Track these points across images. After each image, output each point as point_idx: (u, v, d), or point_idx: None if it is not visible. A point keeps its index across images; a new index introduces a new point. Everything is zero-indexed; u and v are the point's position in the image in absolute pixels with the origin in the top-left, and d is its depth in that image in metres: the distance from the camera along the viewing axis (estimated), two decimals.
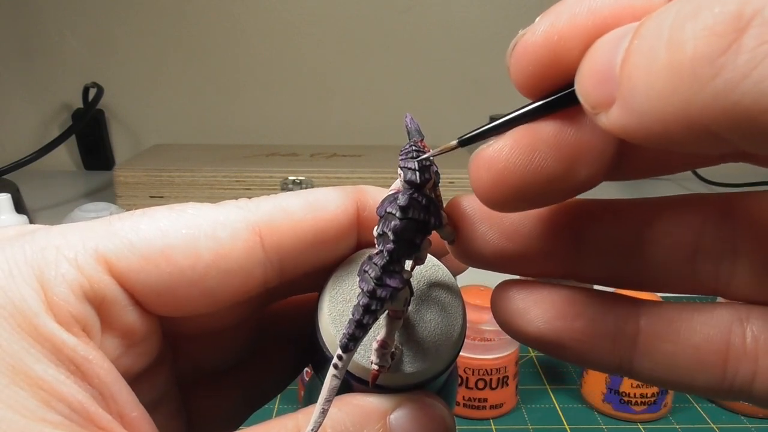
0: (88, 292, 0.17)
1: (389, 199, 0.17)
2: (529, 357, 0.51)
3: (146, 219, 0.18)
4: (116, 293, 0.18)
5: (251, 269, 0.19)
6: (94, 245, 0.18)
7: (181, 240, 0.18)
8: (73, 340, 0.16)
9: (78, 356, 0.16)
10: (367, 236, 0.20)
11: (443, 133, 1.23)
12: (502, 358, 0.42)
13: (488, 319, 0.41)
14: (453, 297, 0.20)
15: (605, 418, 0.43)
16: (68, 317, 0.17)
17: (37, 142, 0.94)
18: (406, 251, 0.17)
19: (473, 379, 0.42)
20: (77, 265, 0.17)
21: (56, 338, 0.16)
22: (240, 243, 0.19)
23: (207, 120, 1.09)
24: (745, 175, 0.99)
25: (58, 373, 0.16)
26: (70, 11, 1.04)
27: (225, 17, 1.05)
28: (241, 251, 0.19)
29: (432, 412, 0.19)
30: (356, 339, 0.16)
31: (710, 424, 0.43)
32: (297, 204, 0.19)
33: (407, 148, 0.18)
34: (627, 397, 0.42)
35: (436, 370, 0.19)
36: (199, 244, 0.18)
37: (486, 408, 0.43)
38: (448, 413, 0.19)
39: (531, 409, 0.44)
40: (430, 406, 0.19)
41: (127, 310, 0.18)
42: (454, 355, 0.20)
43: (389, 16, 1.04)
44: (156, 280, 0.18)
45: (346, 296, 0.20)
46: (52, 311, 0.16)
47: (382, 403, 0.18)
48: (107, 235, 0.18)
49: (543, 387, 0.47)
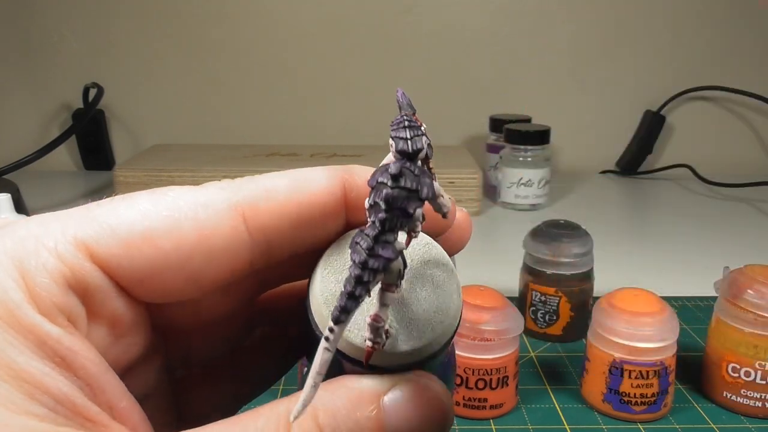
0: (70, 280, 0.17)
1: (381, 170, 0.17)
2: (529, 357, 0.51)
3: (126, 203, 0.18)
4: (99, 280, 0.17)
5: (236, 250, 0.19)
6: (73, 232, 0.17)
7: (162, 222, 0.18)
8: (57, 330, 0.16)
9: (62, 347, 0.16)
10: (357, 217, 0.20)
11: (443, 133, 1.24)
12: (502, 358, 0.42)
13: (488, 319, 0.41)
14: (448, 275, 0.20)
15: (605, 418, 0.43)
16: (51, 307, 0.16)
17: (38, 142, 0.94)
18: (398, 221, 0.16)
19: (473, 379, 0.42)
20: (57, 254, 0.17)
21: (39, 329, 0.16)
22: (223, 223, 0.18)
23: (207, 120, 1.09)
24: (746, 175, 0.99)
25: (42, 365, 0.16)
26: (70, 11, 1.04)
27: (225, 17, 1.05)
28: (225, 232, 0.18)
29: (428, 393, 0.18)
30: (348, 311, 0.16)
31: (710, 424, 0.43)
32: (281, 183, 0.19)
33: (399, 119, 0.17)
34: (627, 397, 0.42)
35: (432, 349, 0.19)
36: (182, 226, 0.18)
37: (486, 408, 0.43)
38: (445, 393, 0.18)
39: (531, 409, 0.44)
40: (426, 387, 0.18)
41: (113, 298, 0.18)
42: (450, 334, 0.19)
43: (389, 16, 1.04)
44: (139, 264, 0.18)
45: (337, 275, 0.19)
46: (35, 302, 0.16)
47: (376, 384, 0.18)
48: (86, 221, 0.17)
49: (543, 387, 0.47)
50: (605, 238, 0.73)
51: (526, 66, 1.07)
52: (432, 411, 0.18)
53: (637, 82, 1.08)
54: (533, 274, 0.53)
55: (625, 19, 1.06)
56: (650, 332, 0.41)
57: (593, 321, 0.44)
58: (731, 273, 0.45)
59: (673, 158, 1.08)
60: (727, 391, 0.44)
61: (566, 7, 1.05)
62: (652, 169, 1.06)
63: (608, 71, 1.08)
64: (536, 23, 1.05)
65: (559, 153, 1.09)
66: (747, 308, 0.42)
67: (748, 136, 1.10)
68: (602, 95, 1.09)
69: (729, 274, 0.45)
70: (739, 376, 0.43)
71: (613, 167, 1.09)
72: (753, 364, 0.42)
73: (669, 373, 0.42)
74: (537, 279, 0.53)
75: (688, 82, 1.06)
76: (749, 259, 0.48)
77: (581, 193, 0.98)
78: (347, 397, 0.17)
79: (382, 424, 0.17)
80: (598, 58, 1.07)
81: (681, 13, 1.05)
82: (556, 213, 0.88)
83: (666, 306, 0.43)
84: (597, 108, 1.09)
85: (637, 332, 0.41)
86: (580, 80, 1.08)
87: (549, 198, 0.91)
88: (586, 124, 1.10)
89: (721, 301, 0.45)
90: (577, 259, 0.52)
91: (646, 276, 0.67)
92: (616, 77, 1.08)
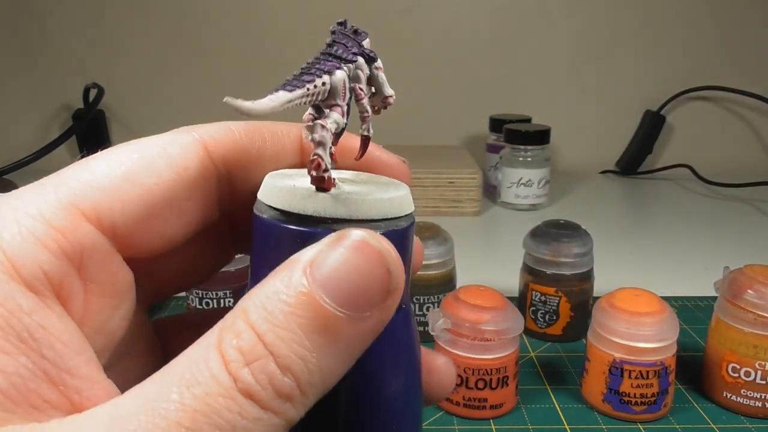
0: (64, 245, 0.16)
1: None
2: (529, 357, 0.51)
3: (93, 160, 0.18)
4: (96, 240, 0.17)
5: (208, 180, 0.20)
6: (55, 196, 0.17)
7: (137, 164, 0.18)
8: (29, 304, 0.15)
9: (32, 323, 0.15)
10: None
11: (443, 133, 1.24)
12: (502, 358, 0.42)
13: (488, 319, 0.41)
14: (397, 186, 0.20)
15: (605, 418, 0.43)
16: (32, 277, 0.15)
17: (38, 143, 0.94)
18: (346, 48, 0.18)
19: (473, 379, 0.42)
20: (43, 219, 0.16)
21: (10, 303, 0.15)
22: (192, 155, 0.19)
23: (207, 120, 1.08)
24: (746, 175, 0.99)
25: (4, 341, 0.15)
26: (71, 11, 1.04)
27: (225, 17, 1.05)
28: (195, 164, 0.19)
29: (368, 249, 0.16)
30: (292, 83, 0.17)
31: (710, 424, 0.43)
32: (241, 124, 0.21)
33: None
34: (627, 397, 0.42)
35: (386, 210, 0.18)
36: (156, 163, 0.18)
37: (486, 408, 0.43)
38: (390, 251, 0.16)
39: (531, 409, 0.44)
40: (364, 240, 0.16)
41: (110, 260, 0.17)
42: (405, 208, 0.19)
43: (389, 16, 1.04)
44: (130, 209, 0.18)
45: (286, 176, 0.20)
46: (16, 271, 0.15)
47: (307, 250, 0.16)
48: (63, 183, 0.17)
49: (543, 387, 0.47)
50: (605, 238, 0.73)
51: (526, 66, 1.07)
52: (371, 268, 0.16)
53: (637, 82, 1.08)
54: (533, 274, 0.53)
55: (625, 19, 1.06)
56: (650, 332, 0.41)
57: (593, 321, 0.44)
58: (731, 273, 0.45)
59: (673, 158, 1.08)
60: (727, 391, 0.44)
61: (566, 6, 1.05)
62: (652, 169, 1.06)
63: (608, 71, 1.08)
64: (536, 23, 1.05)
65: (559, 153, 1.09)
66: (747, 308, 0.42)
67: (748, 136, 1.10)
68: (602, 95, 1.09)
69: (729, 274, 0.45)
70: (739, 376, 0.43)
71: (613, 167, 1.09)
72: (753, 364, 0.42)
73: (669, 373, 0.42)
74: (537, 279, 0.53)
75: (688, 82, 1.06)
76: (749, 259, 0.48)
77: (581, 193, 0.98)
78: (278, 271, 0.16)
79: (301, 277, 0.15)
80: (598, 58, 1.07)
81: (681, 13, 1.05)
82: (556, 213, 0.88)
83: (666, 306, 0.43)
84: (597, 108, 1.09)
85: (637, 332, 0.41)
86: (580, 80, 1.08)
87: (549, 198, 0.91)
88: (586, 124, 1.10)
89: (721, 301, 0.45)
90: (577, 259, 0.52)
91: (646, 276, 0.67)
92: (616, 77, 1.08)
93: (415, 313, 0.52)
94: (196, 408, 0.14)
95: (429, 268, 0.51)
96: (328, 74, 0.17)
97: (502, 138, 0.91)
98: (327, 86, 0.18)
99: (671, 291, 0.61)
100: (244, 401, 0.14)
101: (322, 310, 0.15)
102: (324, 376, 0.15)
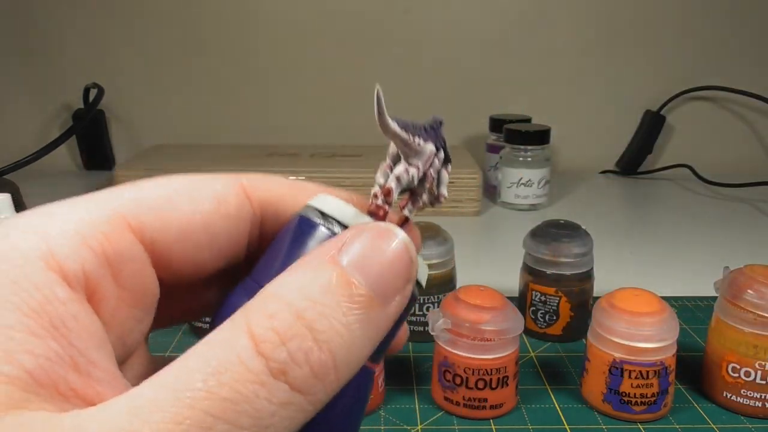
0: (107, 249, 0.17)
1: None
2: (529, 357, 0.51)
3: (144, 180, 0.19)
4: (135, 251, 0.18)
5: (245, 217, 0.20)
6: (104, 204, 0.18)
7: (182, 189, 0.19)
8: (65, 294, 0.15)
9: (66, 313, 0.15)
10: None
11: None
12: (502, 358, 0.42)
13: (488, 319, 0.41)
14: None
15: (605, 418, 0.43)
16: (72, 273, 0.16)
17: (38, 142, 0.94)
18: (442, 139, 0.20)
19: (473, 379, 0.42)
20: (91, 221, 0.17)
21: (47, 290, 0.15)
22: (232, 192, 0.20)
23: (207, 120, 1.09)
24: (746, 175, 0.99)
25: (37, 325, 0.15)
26: (71, 11, 1.04)
27: (225, 17, 1.05)
28: (234, 198, 0.20)
29: (394, 237, 0.17)
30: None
31: (710, 424, 0.43)
32: (285, 180, 0.22)
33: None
34: (627, 397, 0.42)
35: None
36: (200, 192, 0.19)
37: (486, 408, 0.43)
38: (411, 241, 0.18)
39: (531, 409, 0.44)
40: (390, 230, 0.18)
41: (145, 272, 0.18)
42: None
43: (389, 16, 1.04)
44: (170, 227, 0.18)
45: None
46: (57, 263, 0.15)
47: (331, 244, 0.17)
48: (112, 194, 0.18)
49: (543, 387, 0.47)
50: (605, 238, 0.73)
51: (526, 66, 1.07)
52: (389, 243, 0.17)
53: (637, 82, 1.08)
54: (533, 274, 0.53)
55: (625, 19, 1.06)
56: (650, 332, 0.41)
57: (593, 321, 0.44)
58: (731, 273, 0.45)
59: (673, 158, 1.08)
60: (727, 391, 0.44)
61: (566, 6, 1.05)
62: (652, 169, 1.06)
63: (608, 71, 1.08)
64: (536, 23, 1.05)
65: (559, 153, 1.09)
66: (747, 308, 0.42)
67: (748, 136, 1.10)
68: (602, 95, 1.09)
69: (729, 274, 0.45)
70: (739, 376, 0.43)
71: (613, 167, 1.09)
72: (753, 364, 0.42)
73: (669, 373, 0.42)
74: (537, 279, 0.53)
75: (688, 82, 1.06)
76: (749, 259, 0.48)
77: (581, 193, 0.98)
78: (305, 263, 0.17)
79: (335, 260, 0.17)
80: (598, 58, 1.07)
81: (681, 13, 1.05)
82: (556, 213, 0.88)
83: (666, 306, 0.43)
84: (597, 108, 1.09)
85: (637, 332, 0.41)
86: (580, 80, 1.08)
87: (549, 198, 0.91)
88: (586, 124, 1.10)
89: (721, 301, 0.45)
90: (577, 259, 0.52)
91: (646, 276, 0.67)
92: (616, 77, 1.08)
93: (415, 312, 0.52)
94: (225, 396, 0.14)
95: (429, 268, 0.51)
96: (425, 141, 0.19)
97: (502, 138, 0.91)
98: (421, 147, 0.19)
99: (671, 291, 0.61)
100: (274, 384, 0.14)
101: (357, 289, 0.16)
102: (355, 356, 0.16)
